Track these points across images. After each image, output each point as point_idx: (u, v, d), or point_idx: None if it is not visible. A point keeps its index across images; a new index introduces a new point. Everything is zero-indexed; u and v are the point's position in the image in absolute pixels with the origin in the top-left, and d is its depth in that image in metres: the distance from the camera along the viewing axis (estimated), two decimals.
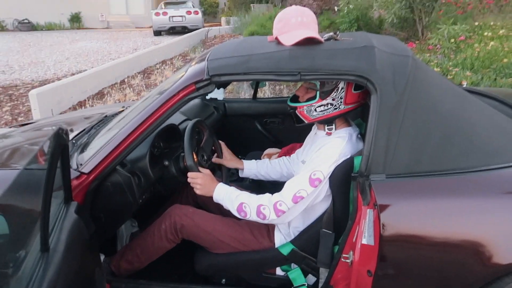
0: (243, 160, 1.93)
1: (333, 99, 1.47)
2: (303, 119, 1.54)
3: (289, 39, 1.44)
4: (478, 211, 1.24)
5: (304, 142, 1.77)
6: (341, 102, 1.48)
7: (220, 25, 14.86)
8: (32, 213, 1.09)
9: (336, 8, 7.67)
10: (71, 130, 2.12)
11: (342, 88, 1.46)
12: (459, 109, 1.38)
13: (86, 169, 1.50)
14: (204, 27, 13.49)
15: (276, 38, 1.51)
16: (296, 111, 1.53)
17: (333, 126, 1.52)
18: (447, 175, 1.27)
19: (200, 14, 13.98)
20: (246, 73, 1.43)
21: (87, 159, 1.53)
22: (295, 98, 1.57)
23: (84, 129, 2.01)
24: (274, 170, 1.91)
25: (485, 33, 5.65)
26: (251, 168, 1.92)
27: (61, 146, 1.03)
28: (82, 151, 1.71)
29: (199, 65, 1.52)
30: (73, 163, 1.56)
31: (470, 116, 1.38)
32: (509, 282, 1.24)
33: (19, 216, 1.10)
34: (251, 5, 13.72)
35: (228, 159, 1.91)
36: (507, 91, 2.59)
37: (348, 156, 1.44)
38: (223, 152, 1.92)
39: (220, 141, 1.98)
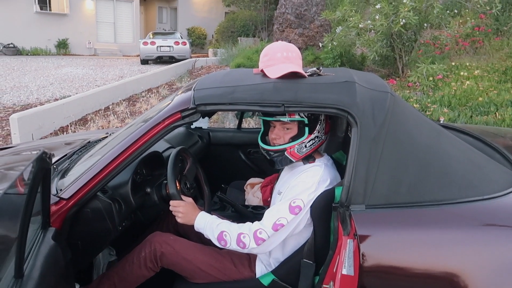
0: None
1: (318, 131, 1.52)
2: (291, 159, 1.52)
3: (274, 72, 1.49)
4: (454, 242, 1.27)
5: (280, 174, 1.77)
6: (323, 133, 1.52)
7: (207, 56, 15.13)
8: (8, 238, 1.06)
9: (320, 44, 7.93)
10: (52, 155, 2.09)
11: (323, 120, 1.51)
12: (436, 143, 1.43)
13: (65, 195, 1.48)
14: (191, 57, 13.70)
15: (262, 71, 1.56)
16: (286, 153, 1.51)
17: (313, 159, 1.56)
18: (425, 207, 1.31)
19: (188, 45, 14.22)
20: (231, 103, 1.46)
21: (67, 185, 1.52)
22: (266, 143, 1.57)
23: (66, 155, 1.99)
24: None
25: (461, 73, 5.90)
26: None
27: (43, 170, 1.02)
28: (62, 176, 1.69)
29: (186, 94, 1.55)
30: (53, 189, 1.54)
31: (446, 150, 1.43)
32: None
33: None
34: (238, 38, 14.07)
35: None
36: (482, 128, 2.70)
37: (328, 182, 1.47)
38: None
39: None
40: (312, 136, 1.51)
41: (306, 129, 1.50)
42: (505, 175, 1.46)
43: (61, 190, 1.50)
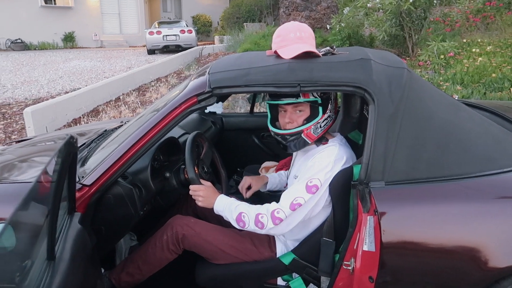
0: (268, 175, 1.96)
1: (330, 111, 1.52)
2: (308, 141, 1.52)
3: (288, 53, 1.49)
4: (474, 216, 1.28)
5: (294, 159, 1.77)
6: (334, 112, 1.53)
7: (213, 43, 15.05)
8: (39, 223, 1.09)
9: (328, 26, 7.84)
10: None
11: (333, 99, 1.53)
12: (453, 118, 1.43)
13: (88, 181, 1.51)
14: (197, 45, 13.65)
15: (275, 52, 1.56)
16: (302, 135, 1.50)
17: (325, 140, 1.57)
18: (443, 181, 1.31)
19: (193, 33, 14.15)
20: (247, 85, 1.47)
21: (88, 172, 1.55)
22: (276, 126, 1.58)
23: (84, 143, 2.02)
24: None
25: (473, 50, 5.79)
26: (274, 182, 1.95)
27: (71, 154, 1.05)
28: (82, 164, 1.72)
29: (201, 78, 1.56)
30: None
31: (464, 124, 1.43)
32: (507, 285, 1.27)
33: (27, 227, 1.10)
34: (244, 24, 13.94)
35: (256, 181, 1.89)
36: (497, 103, 2.67)
37: (344, 160, 1.47)
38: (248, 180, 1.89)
39: None
40: (326, 115, 1.51)
41: (320, 108, 1.50)
42: None
43: (82, 177, 1.54)
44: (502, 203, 1.30)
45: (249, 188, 1.87)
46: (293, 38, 1.52)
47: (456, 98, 2.72)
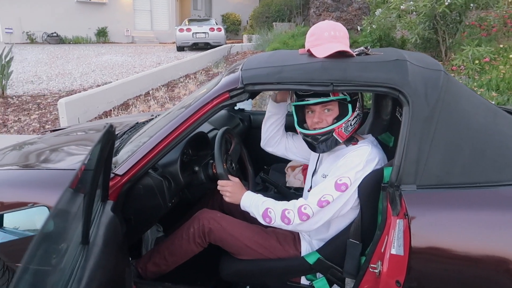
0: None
1: (358, 109, 1.51)
2: (339, 139, 1.50)
3: (321, 52, 1.48)
4: (507, 225, 1.23)
5: (321, 158, 1.70)
6: (361, 110, 1.52)
7: (241, 42, 15.12)
8: (75, 208, 1.13)
9: (358, 28, 7.74)
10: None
11: (360, 97, 1.53)
12: (491, 123, 1.38)
13: (120, 171, 1.55)
14: (226, 43, 13.75)
15: (308, 51, 1.55)
16: (334, 133, 1.49)
17: (355, 140, 1.56)
18: (478, 188, 1.27)
19: (223, 31, 14.26)
20: (279, 83, 1.47)
21: (121, 162, 1.59)
22: (304, 127, 1.56)
23: (117, 134, 2.07)
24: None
25: (510, 56, 5.60)
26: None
27: (110, 142, 1.08)
28: (114, 154, 1.77)
29: (234, 74, 1.57)
30: None
31: (502, 130, 1.38)
32: None
33: (64, 212, 1.15)
34: (273, 23, 13.93)
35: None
36: None
37: (376, 160, 1.45)
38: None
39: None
40: (355, 113, 1.50)
41: (350, 106, 1.48)
42: None
43: (114, 167, 1.58)
44: None
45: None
46: (327, 37, 1.51)
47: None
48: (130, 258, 1.78)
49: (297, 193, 2.17)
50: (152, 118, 2.25)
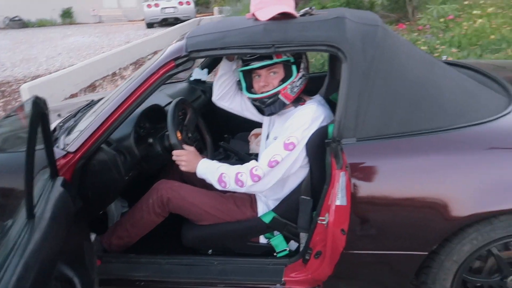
0: None
1: (303, 69, 1.53)
2: (285, 101, 1.53)
3: (264, 14, 1.48)
4: (440, 168, 1.30)
5: (273, 121, 1.73)
6: (307, 71, 1.54)
7: (212, 14, 14.81)
8: (20, 187, 1.14)
9: None
10: (59, 115, 2.17)
11: (305, 58, 1.54)
12: (428, 75, 1.43)
13: (72, 148, 1.55)
14: (196, 17, 13.45)
15: (253, 15, 1.55)
16: (279, 95, 1.51)
17: (303, 101, 1.58)
18: (413, 136, 1.33)
19: (192, 5, 13.92)
20: (223, 48, 1.48)
21: (73, 139, 1.59)
22: (252, 92, 1.57)
23: (70, 113, 2.05)
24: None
25: (474, 12, 5.65)
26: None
27: (39, 114, 1.08)
28: (69, 133, 1.76)
29: (178, 43, 1.58)
30: (60, 144, 1.62)
31: (438, 81, 1.43)
32: (472, 232, 1.33)
33: (7, 190, 1.16)
34: None
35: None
36: (487, 62, 2.64)
37: (321, 118, 1.49)
38: None
39: None
40: (300, 74, 1.52)
41: (294, 67, 1.51)
42: (497, 101, 1.46)
43: (67, 145, 1.58)
44: (468, 155, 1.32)
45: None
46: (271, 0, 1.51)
47: (445, 58, 2.69)
48: (95, 235, 1.80)
49: (255, 157, 2.21)
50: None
